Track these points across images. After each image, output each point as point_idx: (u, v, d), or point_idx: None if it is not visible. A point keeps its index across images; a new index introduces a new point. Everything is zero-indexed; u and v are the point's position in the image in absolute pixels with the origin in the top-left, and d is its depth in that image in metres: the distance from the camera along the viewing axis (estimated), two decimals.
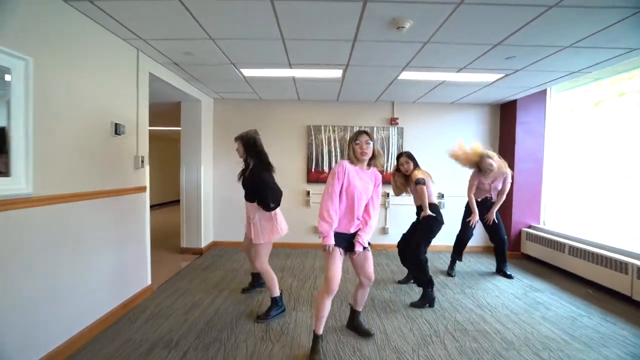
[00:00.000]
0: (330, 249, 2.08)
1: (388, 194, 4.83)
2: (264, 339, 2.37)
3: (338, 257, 2.11)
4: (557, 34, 2.44)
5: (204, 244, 4.66)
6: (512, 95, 4.35)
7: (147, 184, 3.13)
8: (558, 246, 3.87)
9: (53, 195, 2.04)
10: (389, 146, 4.86)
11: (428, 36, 2.52)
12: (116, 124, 2.60)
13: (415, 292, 3.27)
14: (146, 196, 3.11)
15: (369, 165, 2.18)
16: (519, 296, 3.23)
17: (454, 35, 2.51)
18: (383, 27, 2.37)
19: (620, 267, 3.08)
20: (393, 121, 4.86)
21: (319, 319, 2.12)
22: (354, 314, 2.48)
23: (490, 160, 3.48)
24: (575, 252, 3.62)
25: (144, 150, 3.07)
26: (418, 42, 2.64)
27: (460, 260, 3.91)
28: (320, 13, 2.19)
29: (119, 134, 2.64)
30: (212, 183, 4.97)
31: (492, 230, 3.78)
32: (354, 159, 2.12)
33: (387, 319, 2.71)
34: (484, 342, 2.37)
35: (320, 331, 2.15)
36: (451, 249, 3.99)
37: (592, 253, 3.40)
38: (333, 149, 4.84)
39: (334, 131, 4.85)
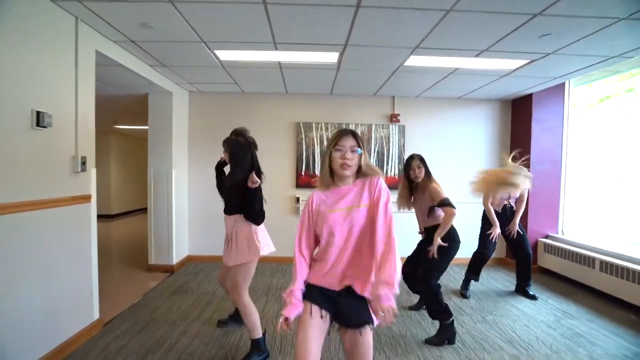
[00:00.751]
0: (284, 324, 1.25)
1: None
2: None
3: (312, 324, 1.23)
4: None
5: (176, 259, 3.98)
6: (528, 88, 3.84)
7: (93, 192, 2.46)
8: (586, 261, 3.36)
9: None
10: (389, 147, 4.30)
11: (453, 0, 1.96)
12: (38, 113, 1.93)
13: (428, 321, 2.69)
14: (91, 207, 2.45)
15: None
16: (552, 325, 2.69)
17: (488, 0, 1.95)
18: None
19: None
20: (394, 118, 4.29)
21: None
22: None
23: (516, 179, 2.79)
24: (609, 268, 3.11)
25: (88, 149, 2.40)
26: (438, 9, 2.06)
27: (477, 280, 3.36)
28: None
29: (43, 126, 1.97)
30: (188, 189, 4.31)
31: (515, 243, 3.25)
32: (328, 176, 1.31)
33: None
34: None
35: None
36: (464, 263, 3.44)
37: (633, 270, 2.89)
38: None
39: (327, 129, 4.26)
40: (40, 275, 1.99)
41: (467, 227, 3.33)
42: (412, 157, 2.55)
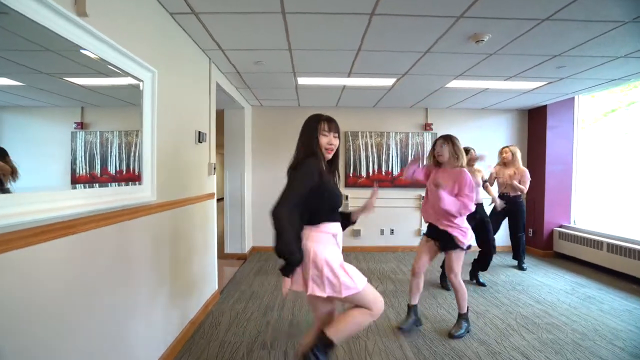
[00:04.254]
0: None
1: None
2: (358, 335, 2.48)
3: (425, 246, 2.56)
4: (616, 46, 2.64)
5: (247, 249, 4.72)
6: (544, 101, 4.57)
7: (215, 191, 3.21)
8: (595, 244, 4.08)
9: (166, 202, 2.12)
10: (423, 151, 5.03)
11: (497, 48, 2.70)
12: (199, 132, 2.69)
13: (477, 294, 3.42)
14: (214, 203, 3.19)
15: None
16: (569, 291, 3.41)
17: (521, 48, 2.68)
18: (462, 40, 2.53)
19: None
20: (427, 127, 5.04)
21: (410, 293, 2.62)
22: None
23: None
24: (614, 249, 3.83)
25: (213, 157, 3.15)
26: (485, 53, 2.81)
27: None
28: (415, 26, 2.33)
29: (201, 142, 2.72)
30: (251, 189, 5.05)
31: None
32: (433, 164, 2.51)
33: None
34: (558, 334, 2.52)
35: (412, 302, 2.60)
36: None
37: (633, 250, 3.61)
38: (370, 155, 4.98)
39: (370, 137, 5.00)
40: (195, 252, 2.73)
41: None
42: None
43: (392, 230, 5.10)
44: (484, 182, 3.68)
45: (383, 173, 4.99)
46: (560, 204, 4.79)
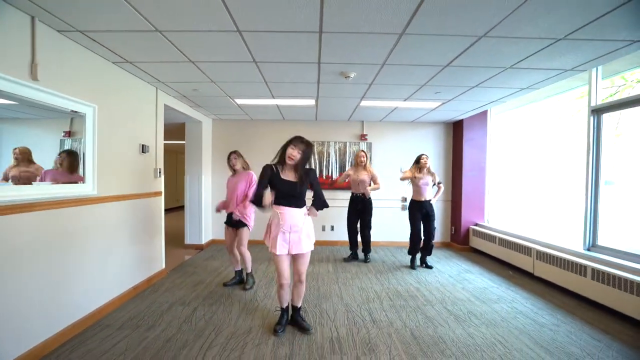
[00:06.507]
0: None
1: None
2: (253, 299, 3.27)
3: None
4: (460, 79, 3.42)
5: (204, 240, 5.55)
6: (458, 116, 5.33)
7: (162, 190, 4.04)
8: (491, 238, 4.81)
9: (108, 196, 2.95)
10: None
11: (370, 80, 3.49)
12: (143, 145, 3.53)
13: (372, 272, 4.18)
14: (161, 199, 4.02)
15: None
16: (452, 275, 4.15)
17: (389, 79, 3.47)
18: (336, 76, 3.34)
19: (526, 250, 4.02)
20: (363, 137, 5.83)
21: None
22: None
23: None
24: (501, 242, 4.56)
25: (160, 163, 3.99)
26: (365, 83, 3.61)
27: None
28: (291, 68, 3.16)
29: (145, 153, 3.56)
30: (211, 189, 5.88)
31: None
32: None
33: (346, 290, 3.62)
34: (410, 301, 3.28)
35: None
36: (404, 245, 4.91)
37: (509, 241, 4.34)
38: (313, 161, 5.78)
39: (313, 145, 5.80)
40: (140, 236, 3.56)
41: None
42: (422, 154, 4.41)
43: (333, 227, 5.87)
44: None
45: (324, 177, 5.78)
46: (475, 205, 5.53)
